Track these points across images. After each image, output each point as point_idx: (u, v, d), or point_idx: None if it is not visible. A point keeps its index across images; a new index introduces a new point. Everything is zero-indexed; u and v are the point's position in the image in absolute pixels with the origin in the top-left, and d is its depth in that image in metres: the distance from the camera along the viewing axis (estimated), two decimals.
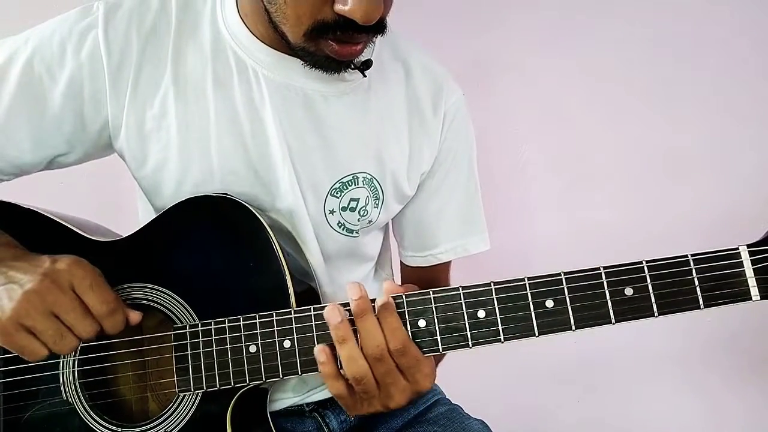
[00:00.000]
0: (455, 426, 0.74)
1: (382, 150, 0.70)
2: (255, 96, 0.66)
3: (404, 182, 0.73)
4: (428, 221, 0.78)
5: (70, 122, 0.65)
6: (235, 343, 0.58)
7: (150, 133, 0.65)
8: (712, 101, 1.22)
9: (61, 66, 0.63)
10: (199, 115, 0.65)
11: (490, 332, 0.54)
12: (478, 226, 0.80)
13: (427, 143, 0.73)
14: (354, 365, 0.53)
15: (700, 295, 0.52)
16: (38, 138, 0.64)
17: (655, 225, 1.23)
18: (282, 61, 0.65)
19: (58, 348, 0.55)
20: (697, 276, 0.52)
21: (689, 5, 1.20)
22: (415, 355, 0.54)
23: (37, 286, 0.53)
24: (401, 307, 0.56)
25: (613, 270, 0.53)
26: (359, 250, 0.76)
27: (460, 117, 0.75)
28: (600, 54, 1.22)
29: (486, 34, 1.22)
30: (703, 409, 1.32)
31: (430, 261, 0.79)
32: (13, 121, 0.63)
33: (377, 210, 0.72)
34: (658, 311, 0.52)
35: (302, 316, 0.57)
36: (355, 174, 0.69)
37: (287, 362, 0.57)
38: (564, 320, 0.53)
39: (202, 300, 0.61)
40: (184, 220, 0.63)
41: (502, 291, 0.54)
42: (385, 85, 0.71)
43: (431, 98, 0.73)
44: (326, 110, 0.67)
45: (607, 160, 1.25)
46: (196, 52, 0.66)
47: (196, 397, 0.59)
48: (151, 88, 0.65)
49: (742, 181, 1.23)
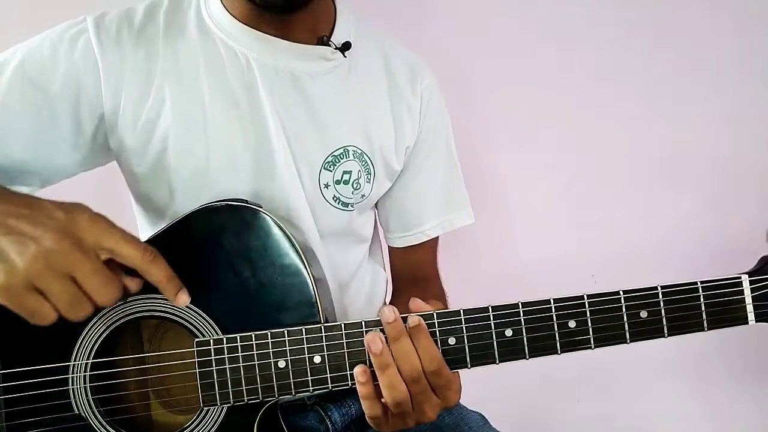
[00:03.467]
0: (454, 417, 0.79)
1: (368, 126, 0.74)
2: (249, 79, 0.69)
3: (392, 157, 0.77)
4: (414, 199, 0.82)
5: (66, 124, 0.64)
6: (262, 359, 0.58)
7: (148, 124, 0.66)
8: (713, 101, 1.23)
9: (54, 68, 0.63)
10: (195, 102, 0.67)
11: (516, 350, 0.58)
12: (461, 201, 0.86)
13: (408, 119, 0.78)
14: (395, 391, 0.54)
15: (705, 319, 0.58)
16: (33, 143, 0.62)
17: (656, 225, 1.24)
18: (268, 44, 0.68)
19: (71, 315, 0.50)
20: (704, 302, 0.57)
21: (689, 5, 1.21)
22: (447, 375, 0.56)
23: (57, 245, 0.48)
24: (432, 326, 0.57)
25: (631, 294, 0.57)
26: (354, 228, 0.79)
27: (435, 98, 0.81)
28: (600, 54, 1.22)
29: (485, 32, 1.20)
30: (703, 409, 1.34)
31: (419, 238, 0.84)
32: (5, 127, 0.61)
33: (369, 185, 0.76)
34: (668, 333, 0.58)
35: (333, 334, 0.58)
36: (345, 147, 0.73)
37: (317, 378, 0.58)
38: (585, 340, 0.58)
39: (223, 312, 0.59)
40: (203, 229, 0.61)
41: (529, 312, 0.57)
42: (365, 68, 0.76)
43: (408, 80, 0.78)
44: (313, 88, 0.71)
45: (607, 160, 1.26)
46: (186, 47, 0.68)
47: (221, 411, 0.59)
48: (146, 82, 0.66)
49: (742, 181, 1.25)
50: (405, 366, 0.55)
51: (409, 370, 0.55)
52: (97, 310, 0.56)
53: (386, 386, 0.55)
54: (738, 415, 1.34)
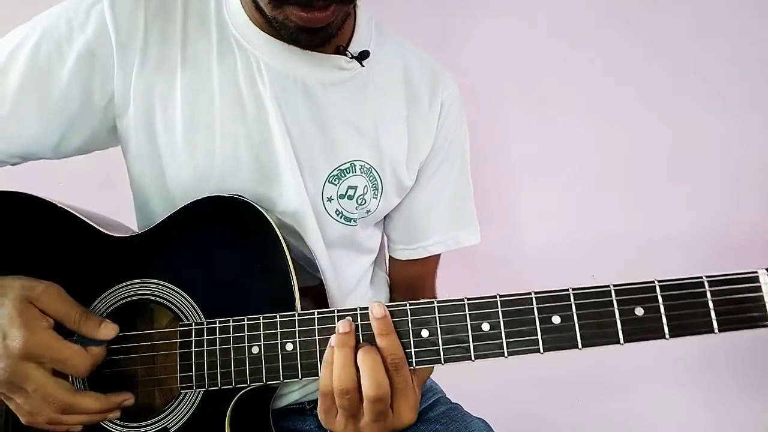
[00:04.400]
0: (457, 424, 0.74)
1: (380, 139, 0.72)
2: (257, 83, 0.68)
3: (403, 172, 0.75)
4: (420, 212, 0.79)
5: (77, 99, 0.65)
6: (238, 344, 0.58)
7: (156, 110, 0.66)
8: (713, 101, 1.22)
9: (69, 44, 0.64)
10: (204, 100, 0.66)
11: (493, 345, 0.53)
12: (469, 219, 0.82)
13: (424, 132, 0.75)
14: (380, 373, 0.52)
15: (715, 318, 0.50)
16: (46, 119, 0.65)
17: (656, 225, 1.23)
18: (281, 50, 0.67)
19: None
20: (712, 299, 0.50)
21: (690, 5, 1.20)
22: (406, 376, 0.54)
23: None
24: (405, 316, 0.55)
25: (623, 288, 0.52)
26: (358, 241, 0.77)
27: (455, 110, 0.78)
28: (600, 54, 1.23)
29: (484, 32, 1.23)
30: (703, 408, 1.32)
31: (420, 253, 0.80)
32: (23, 104, 0.64)
33: (376, 200, 0.74)
34: (670, 333, 0.50)
35: (305, 319, 0.57)
36: (352, 162, 0.71)
37: (288, 365, 0.57)
38: (571, 338, 0.52)
39: (209, 299, 0.61)
40: (196, 219, 0.64)
41: (508, 304, 0.53)
42: (383, 77, 0.73)
43: (428, 90, 0.76)
44: (324, 98, 0.69)
45: (606, 160, 1.26)
46: (204, 37, 0.67)
47: (197, 395, 0.60)
48: (160, 66, 0.66)
49: (743, 181, 1.23)
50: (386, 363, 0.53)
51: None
52: (98, 294, 0.62)
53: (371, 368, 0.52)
54: (738, 415, 1.32)
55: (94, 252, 0.65)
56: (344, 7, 0.61)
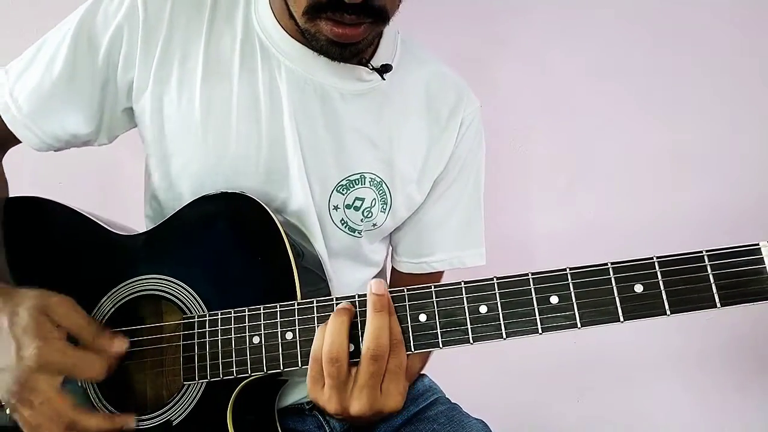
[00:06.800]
0: (455, 425, 0.73)
1: (394, 155, 0.71)
2: (276, 85, 0.68)
3: (414, 189, 0.74)
4: (428, 228, 0.78)
5: (102, 84, 0.68)
6: (239, 334, 0.59)
7: (173, 98, 0.67)
8: (713, 101, 1.22)
9: (104, 32, 0.66)
10: (222, 96, 0.67)
11: (491, 327, 0.53)
12: (477, 240, 0.80)
13: (442, 148, 0.74)
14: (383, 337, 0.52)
15: (716, 293, 0.49)
16: (87, 103, 0.68)
17: (656, 225, 1.23)
18: (305, 55, 0.67)
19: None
20: (712, 273, 0.49)
21: (690, 5, 1.20)
22: (402, 360, 0.53)
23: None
24: (402, 301, 0.55)
25: (621, 266, 0.51)
26: (363, 253, 0.76)
27: (474, 127, 0.77)
28: (600, 53, 1.23)
29: (486, 31, 1.24)
30: (703, 408, 1.31)
31: (423, 269, 0.79)
32: (69, 91, 0.67)
33: (384, 214, 0.73)
34: (671, 309, 0.49)
35: (305, 308, 0.58)
36: (362, 173, 0.71)
37: (288, 354, 0.57)
38: (569, 317, 0.51)
39: (212, 292, 0.62)
40: (200, 215, 0.66)
41: (505, 286, 0.53)
42: (403, 92, 0.73)
43: (450, 106, 0.75)
44: (342, 108, 0.69)
45: (608, 157, 1.26)
46: (229, 34, 0.68)
47: (200, 387, 0.60)
48: (181, 56, 0.67)
49: (743, 181, 1.22)
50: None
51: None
52: (106, 291, 0.63)
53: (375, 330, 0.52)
54: (739, 415, 1.31)
55: (104, 250, 0.67)
56: (376, 27, 0.62)
